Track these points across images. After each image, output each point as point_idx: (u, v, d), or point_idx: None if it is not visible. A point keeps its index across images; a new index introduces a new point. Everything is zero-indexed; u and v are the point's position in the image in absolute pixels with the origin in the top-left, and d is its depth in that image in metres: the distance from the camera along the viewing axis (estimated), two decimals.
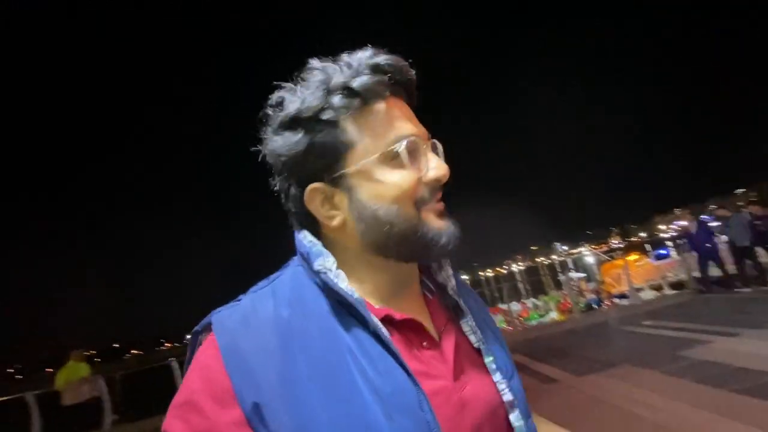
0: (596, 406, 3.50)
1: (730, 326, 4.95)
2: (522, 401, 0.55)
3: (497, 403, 0.54)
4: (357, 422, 0.43)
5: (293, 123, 0.50)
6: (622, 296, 9.93)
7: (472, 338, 0.57)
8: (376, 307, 0.51)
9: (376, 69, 0.50)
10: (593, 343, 6.10)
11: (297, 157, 0.50)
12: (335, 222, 0.52)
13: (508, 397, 0.54)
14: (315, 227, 0.55)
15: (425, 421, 0.45)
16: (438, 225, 0.51)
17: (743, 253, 7.30)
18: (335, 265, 0.51)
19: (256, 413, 0.43)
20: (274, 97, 0.52)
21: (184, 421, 0.45)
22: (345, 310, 0.49)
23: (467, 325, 0.57)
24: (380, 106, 0.51)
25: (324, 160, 0.50)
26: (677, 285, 9.62)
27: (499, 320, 11.24)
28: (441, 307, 0.58)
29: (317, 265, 0.50)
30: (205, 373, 0.47)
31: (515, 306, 12.34)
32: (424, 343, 0.52)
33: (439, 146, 0.55)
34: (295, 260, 0.56)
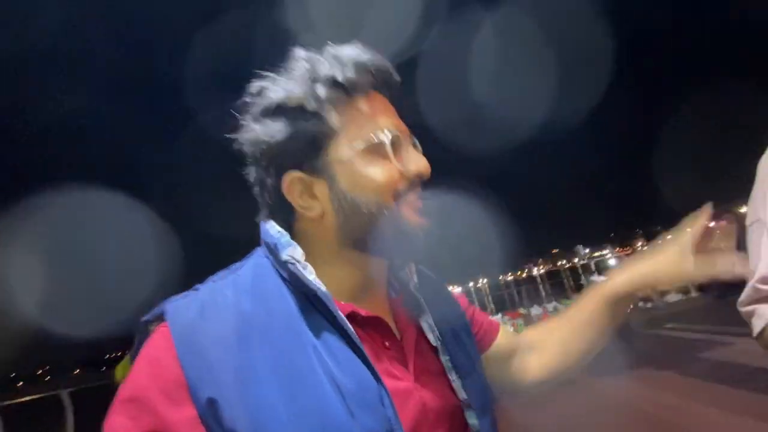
0: (614, 407, 3.52)
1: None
2: (479, 400, 0.55)
3: (455, 403, 0.53)
4: (318, 418, 0.42)
5: (276, 111, 0.50)
6: (646, 299, 9.76)
7: (430, 337, 0.56)
8: (342, 303, 0.50)
9: (361, 65, 0.50)
10: (613, 346, 6.04)
11: (278, 146, 0.50)
12: (313, 212, 0.51)
13: (462, 395, 0.54)
14: (288, 219, 0.54)
15: (386, 417, 0.44)
16: (415, 221, 0.51)
17: None
18: (303, 257, 0.50)
19: (210, 410, 0.41)
20: (255, 85, 0.52)
21: (131, 419, 0.41)
22: (310, 304, 0.48)
23: (426, 323, 0.57)
24: (364, 99, 0.51)
25: (305, 148, 0.50)
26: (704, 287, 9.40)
27: (519, 324, 11.18)
28: (404, 306, 0.58)
29: (285, 255, 0.49)
30: (155, 367, 0.43)
31: (536, 310, 12.23)
32: (386, 343, 0.51)
33: (418, 144, 0.55)
34: (259, 251, 0.54)
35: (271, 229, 0.52)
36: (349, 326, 0.47)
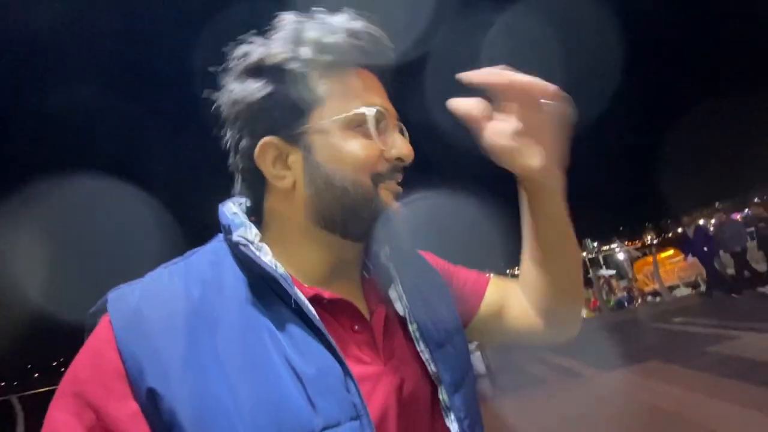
0: (620, 400, 3.56)
1: (757, 322, 4.89)
2: (450, 374, 0.52)
3: (430, 383, 0.51)
4: (272, 407, 0.39)
5: (256, 70, 0.47)
6: (655, 293, 9.76)
7: (398, 306, 0.53)
8: (306, 286, 0.48)
9: (352, 33, 0.47)
10: (621, 339, 6.10)
11: (255, 106, 0.47)
12: (284, 183, 0.48)
13: (431, 368, 0.51)
14: (259, 191, 0.51)
15: (352, 403, 0.42)
16: (391, 205, 0.49)
17: (739, 258, 7.17)
18: (258, 238, 0.48)
19: (151, 402, 0.39)
20: (239, 48, 0.49)
21: (72, 414, 0.39)
22: (267, 286, 0.45)
23: (394, 291, 0.54)
24: (352, 71, 0.49)
25: (284, 113, 0.47)
26: None
27: None
28: (376, 284, 0.54)
29: (236, 236, 0.46)
30: (95, 358, 0.41)
31: None
32: (356, 327, 0.49)
33: (406, 132, 0.53)
34: (219, 236, 0.51)
35: (228, 211, 0.50)
36: (311, 309, 0.44)
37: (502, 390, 4.85)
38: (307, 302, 0.45)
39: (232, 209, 0.50)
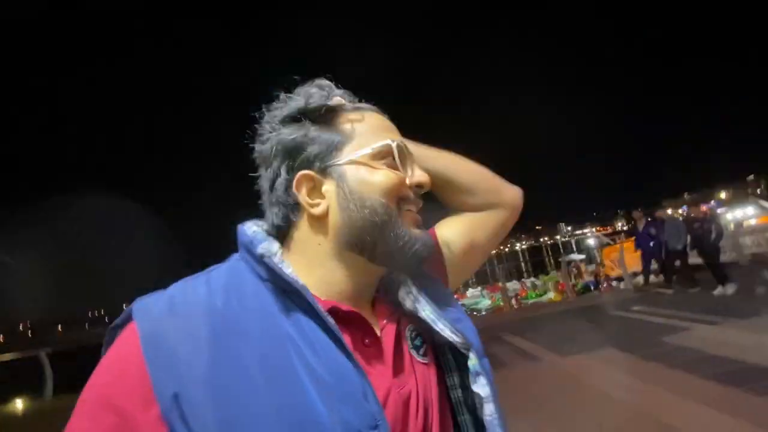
0: (574, 386, 3.70)
1: (712, 315, 5.11)
2: (476, 339, 0.56)
3: (437, 395, 0.53)
4: (293, 412, 0.41)
5: (296, 116, 0.55)
6: (620, 279, 10.10)
7: (408, 302, 0.56)
8: (322, 299, 0.51)
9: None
10: (582, 325, 6.30)
11: (295, 146, 0.54)
12: (318, 209, 0.53)
13: (457, 339, 0.54)
14: (291, 217, 0.55)
15: (370, 412, 0.44)
16: (413, 231, 0.54)
17: (676, 256, 7.48)
18: (280, 251, 0.53)
19: (176, 407, 0.40)
20: (280, 98, 0.57)
21: (93, 421, 0.41)
22: (287, 297, 0.49)
23: (405, 289, 0.58)
24: (373, 115, 0.58)
25: (320, 149, 0.54)
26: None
27: (497, 298, 11.51)
28: (386, 301, 0.58)
29: (261, 248, 0.51)
30: (120, 365, 0.43)
31: (515, 285, 12.57)
32: (366, 341, 0.51)
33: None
34: (235, 256, 0.55)
35: (248, 229, 0.55)
36: (330, 319, 0.47)
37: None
38: (326, 313, 0.48)
39: (252, 228, 0.56)
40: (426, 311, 0.56)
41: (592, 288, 10.73)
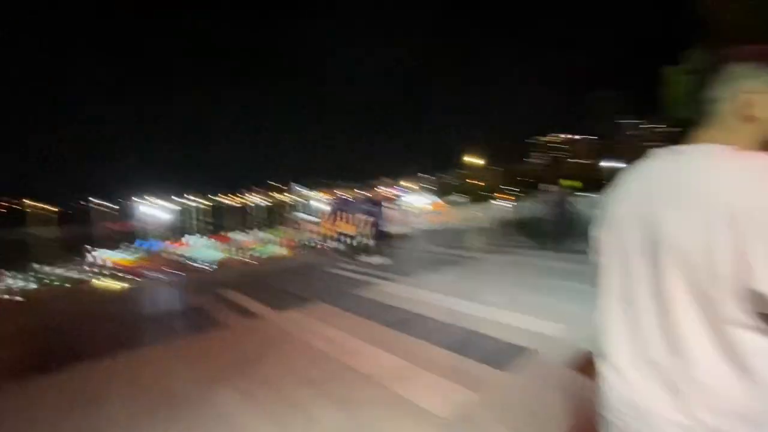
0: (288, 340, 3.99)
1: (390, 273, 6.73)
2: None
3: None
4: None
5: None
6: (336, 239, 11.74)
7: None
8: None
9: None
10: (298, 281, 6.95)
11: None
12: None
13: None
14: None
15: None
16: None
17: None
18: None
19: None
20: None
21: None
22: None
23: None
24: None
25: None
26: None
27: (225, 249, 11.22)
28: None
29: None
30: None
31: (242, 236, 12.57)
32: None
33: None
34: None
35: None
36: None
37: (177, 332, 4.56)
38: None
39: None
40: None
41: (313, 244, 12.03)
